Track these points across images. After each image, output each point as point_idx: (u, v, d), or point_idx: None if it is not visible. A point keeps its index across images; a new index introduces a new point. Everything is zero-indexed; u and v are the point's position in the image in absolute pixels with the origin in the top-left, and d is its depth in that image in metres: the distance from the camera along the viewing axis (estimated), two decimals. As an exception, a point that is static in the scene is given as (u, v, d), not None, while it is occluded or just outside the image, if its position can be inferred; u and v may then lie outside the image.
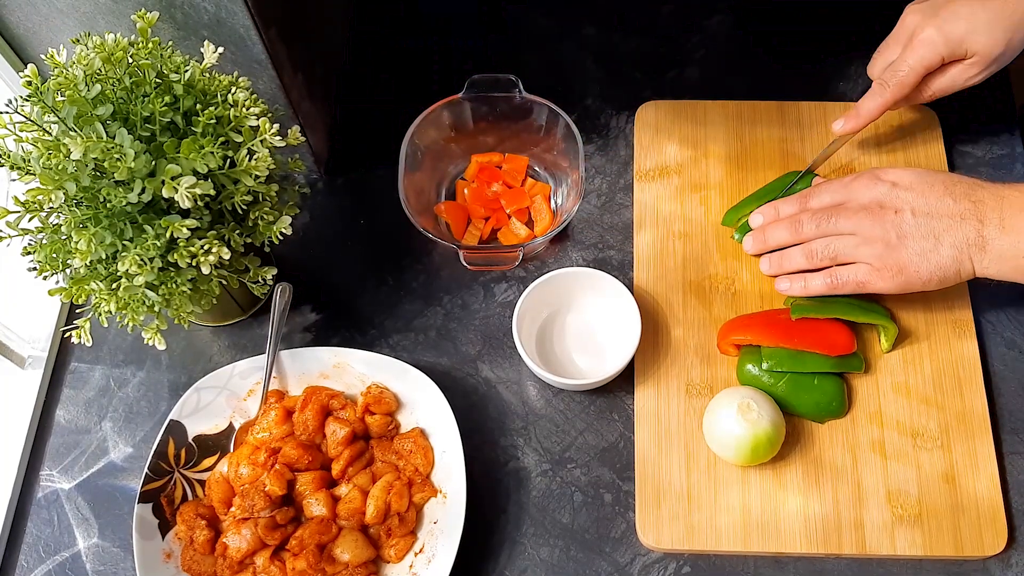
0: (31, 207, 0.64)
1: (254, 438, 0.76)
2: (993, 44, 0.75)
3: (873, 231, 0.73)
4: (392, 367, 0.78)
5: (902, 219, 0.72)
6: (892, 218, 0.73)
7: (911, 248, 0.72)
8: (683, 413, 0.78)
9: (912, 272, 0.72)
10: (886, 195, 0.74)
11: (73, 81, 0.64)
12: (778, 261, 0.80)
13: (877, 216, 0.73)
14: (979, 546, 0.73)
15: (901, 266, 0.72)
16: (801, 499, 0.75)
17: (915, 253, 0.72)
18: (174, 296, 0.68)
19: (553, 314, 0.83)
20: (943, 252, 0.71)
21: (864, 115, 0.81)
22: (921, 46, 0.77)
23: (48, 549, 0.77)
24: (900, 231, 0.72)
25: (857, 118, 0.81)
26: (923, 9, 0.78)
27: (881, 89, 0.79)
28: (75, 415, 0.82)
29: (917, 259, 0.72)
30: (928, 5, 0.78)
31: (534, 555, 0.75)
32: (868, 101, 0.80)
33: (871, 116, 0.81)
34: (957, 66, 0.78)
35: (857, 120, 0.81)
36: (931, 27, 0.76)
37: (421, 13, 1.02)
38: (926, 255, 0.72)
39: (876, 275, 0.74)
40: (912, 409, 0.78)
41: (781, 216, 0.81)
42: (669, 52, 0.98)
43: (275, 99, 0.80)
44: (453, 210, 0.88)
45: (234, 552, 0.72)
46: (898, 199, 0.73)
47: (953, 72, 0.78)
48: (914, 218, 0.72)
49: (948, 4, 0.76)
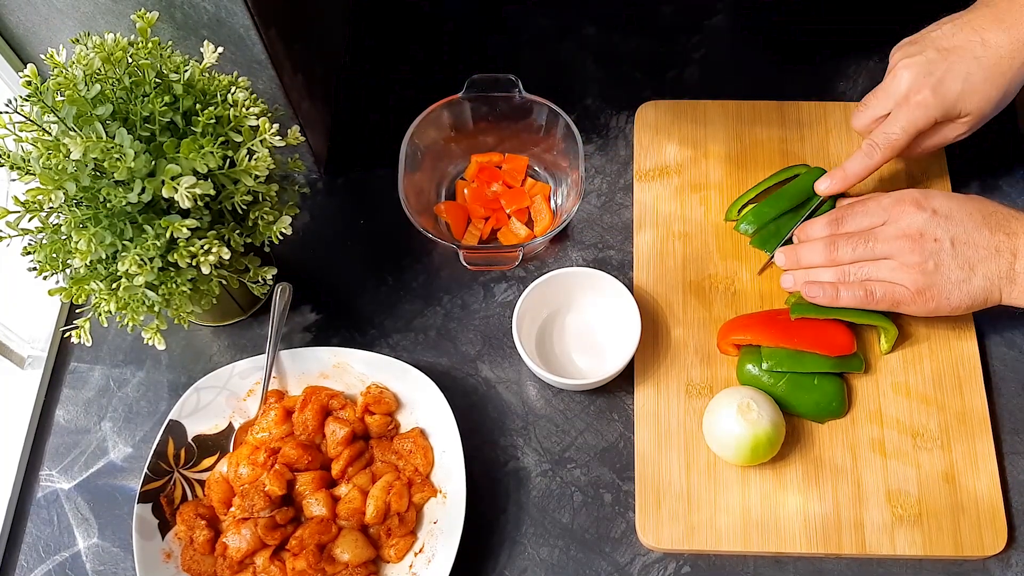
0: (31, 207, 0.64)
1: (254, 438, 0.76)
2: (986, 103, 0.75)
3: (912, 258, 0.73)
4: (392, 367, 0.78)
5: (941, 248, 0.72)
6: (931, 246, 0.73)
7: (946, 277, 0.72)
8: (683, 413, 0.78)
9: (943, 299, 0.73)
10: (926, 223, 0.73)
11: (73, 81, 0.64)
12: (803, 277, 0.78)
13: (917, 243, 0.73)
14: (979, 546, 0.73)
15: (934, 293, 0.73)
16: (801, 499, 0.75)
17: (949, 282, 0.72)
18: (174, 296, 0.68)
19: (553, 314, 0.83)
20: (975, 283, 0.72)
21: (851, 177, 0.80)
22: (916, 109, 0.75)
23: (48, 549, 0.77)
24: (938, 260, 0.72)
25: (844, 179, 0.80)
26: (917, 65, 0.75)
27: (871, 151, 0.78)
28: (75, 415, 0.82)
29: (950, 287, 0.73)
30: (922, 61, 0.75)
31: (534, 555, 0.75)
32: (855, 163, 0.79)
33: (858, 178, 0.79)
34: (948, 125, 0.77)
35: (844, 181, 0.80)
36: (927, 89, 0.75)
37: (421, 13, 1.02)
38: (959, 284, 0.72)
39: (909, 298, 0.74)
40: (912, 409, 0.78)
41: (812, 237, 0.79)
42: (669, 52, 0.98)
43: (275, 99, 0.80)
44: (453, 210, 0.88)
45: (234, 552, 0.72)
46: (938, 228, 0.73)
47: (944, 131, 0.78)
48: (952, 248, 0.72)
49: (941, 62, 0.74)
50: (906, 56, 0.77)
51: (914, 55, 0.76)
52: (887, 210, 0.75)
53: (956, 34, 0.75)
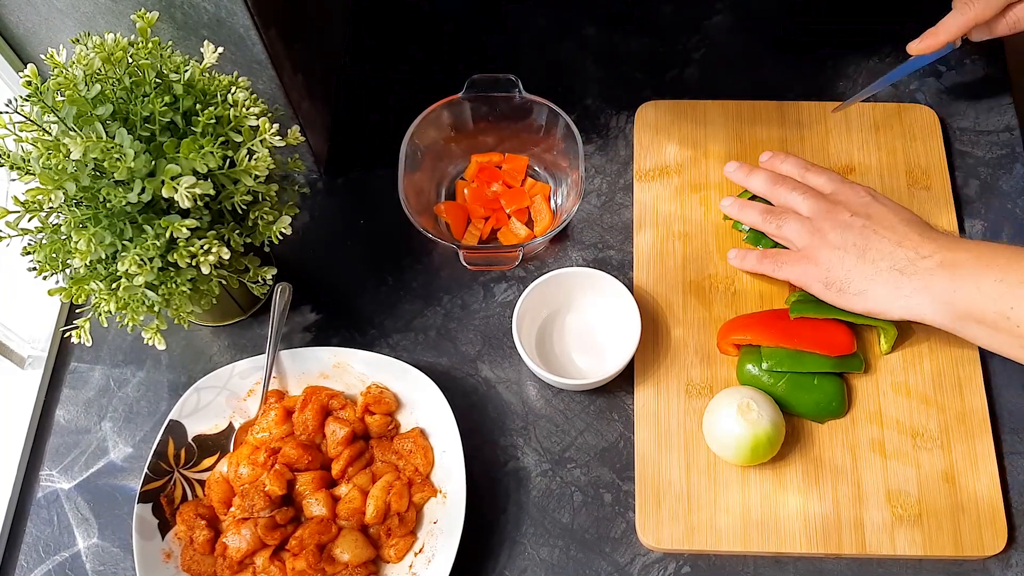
0: (31, 207, 0.64)
1: (254, 438, 0.76)
2: None
3: (822, 220, 0.74)
4: (392, 367, 0.78)
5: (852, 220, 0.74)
6: (844, 218, 0.74)
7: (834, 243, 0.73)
8: (683, 413, 0.78)
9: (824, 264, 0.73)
10: (858, 202, 0.75)
11: (73, 81, 0.64)
12: (737, 206, 0.82)
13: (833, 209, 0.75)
14: (979, 546, 0.73)
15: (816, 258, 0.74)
16: (801, 499, 0.75)
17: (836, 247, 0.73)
18: (174, 296, 0.68)
19: (553, 314, 0.83)
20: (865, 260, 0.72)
21: (943, 33, 0.78)
22: None
23: (48, 549, 0.77)
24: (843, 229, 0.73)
25: (936, 36, 0.78)
26: None
27: (964, 6, 0.76)
28: (75, 415, 0.82)
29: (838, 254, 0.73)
30: None
31: (534, 555, 0.75)
32: (950, 19, 0.77)
33: (951, 35, 0.77)
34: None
35: (936, 38, 0.78)
36: None
37: (421, 13, 1.02)
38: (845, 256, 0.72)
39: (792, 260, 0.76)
40: (912, 409, 0.78)
41: (776, 169, 0.82)
42: (669, 52, 0.98)
43: (275, 99, 0.80)
44: (453, 210, 0.88)
45: (234, 552, 0.72)
46: (864, 207, 0.74)
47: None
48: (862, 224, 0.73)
49: None
50: None
51: None
52: (843, 183, 0.77)
53: None
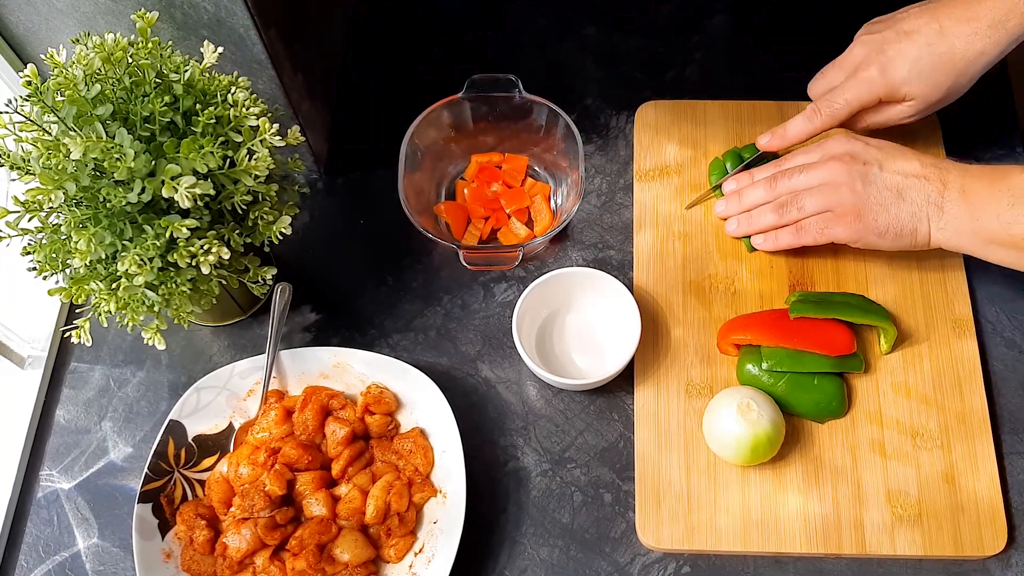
0: (31, 207, 0.64)
1: (254, 438, 0.76)
2: (932, 91, 0.76)
3: (840, 176, 0.75)
4: (392, 367, 0.78)
5: (869, 170, 0.75)
6: (860, 168, 0.75)
7: (873, 197, 0.74)
8: (683, 413, 0.78)
9: (870, 220, 0.74)
10: (859, 149, 0.76)
11: (73, 81, 0.64)
12: (747, 220, 0.82)
13: (847, 164, 0.75)
14: (979, 546, 0.73)
15: (860, 212, 0.74)
16: (801, 499, 0.75)
17: (876, 202, 0.74)
18: (174, 296, 0.68)
19: (553, 314, 0.83)
20: (903, 207, 0.73)
21: (790, 137, 0.82)
22: (861, 84, 0.77)
23: (48, 549, 0.77)
24: (865, 179, 0.74)
25: (783, 138, 0.82)
26: (872, 43, 0.78)
27: (812, 116, 0.80)
28: (75, 415, 0.82)
29: (877, 208, 0.74)
30: (877, 39, 0.78)
31: (534, 555, 0.75)
32: (797, 124, 0.81)
33: (797, 138, 0.81)
34: (894, 107, 0.79)
35: (783, 139, 0.82)
36: (875, 66, 0.77)
37: (420, 13, 1.02)
38: (886, 206, 0.74)
39: (836, 220, 0.76)
40: (912, 409, 0.78)
41: (756, 180, 0.83)
42: (669, 52, 0.98)
43: (275, 99, 0.80)
44: (453, 210, 0.88)
45: (234, 552, 0.72)
46: (868, 154, 0.75)
47: (888, 111, 0.79)
48: (880, 171, 0.74)
49: (895, 43, 0.76)
50: (867, 32, 0.80)
51: (873, 32, 0.79)
52: (821, 145, 0.79)
53: (918, 18, 0.77)
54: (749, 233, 0.83)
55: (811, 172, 0.78)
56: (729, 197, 0.84)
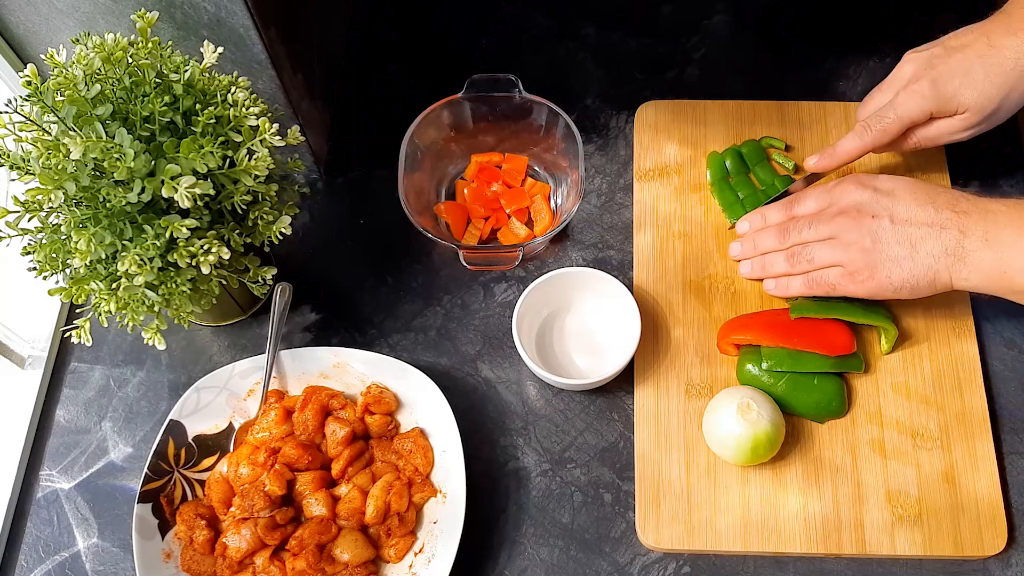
0: (31, 207, 0.64)
1: (254, 438, 0.76)
2: (986, 102, 0.74)
3: (850, 235, 0.73)
4: (392, 367, 0.78)
5: (879, 224, 0.72)
6: (869, 223, 0.72)
7: (885, 253, 0.72)
8: (683, 413, 0.78)
9: (883, 277, 0.72)
10: (867, 200, 0.73)
11: (73, 81, 0.64)
12: (760, 264, 0.81)
13: (855, 220, 0.73)
14: (979, 546, 0.73)
15: (872, 271, 0.72)
16: (801, 499, 0.75)
17: (888, 259, 0.71)
18: (174, 296, 0.68)
19: (553, 314, 0.83)
20: (918, 260, 0.71)
21: (840, 156, 0.80)
22: (912, 97, 0.76)
23: (48, 549, 0.77)
24: (875, 236, 0.72)
25: (832, 157, 0.80)
26: (920, 59, 0.76)
27: (863, 132, 0.78)
28: (75, 415, 0.82)
29: (890, 265, 0.71)
30: (927, 56, 0.76)
31: (534, 555, 0.75)
32: (848, 142, 0.79)
33: (848, 157, 0.80)
34: (946, 121, 0.77)
35: (832, 159, 0.80)
36: (925, 80, 0.75)
37: (420, 13, 1.02)
38: (899, 262, 0.71)
39: (848, 279, 0.74)
40: (912, 409, 0.78)
41: (769, 223, 0.82)
42: (669, 52, 0.98)
43: (275, 99, 0.80)
44: (453, 210, 0.88)
45: (234, 552, 0.72)
46: (878, 205, 0.73)
47: (941, 126, 0.77)
48: (892, 224, 0.72)
49: (945, 58, 0.75)
50: (913, 52, 0.78)
51: (920, 51, 0.78)
52: (831, 192, 0.76)
53: (966, 35, 0.76)
54: (762, 278, 0.81)
55: (820, 225, 0.76)
56: (744, 241, 0.83)
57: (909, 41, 0.80)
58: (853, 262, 0.73)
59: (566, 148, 0.85)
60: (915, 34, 0.82)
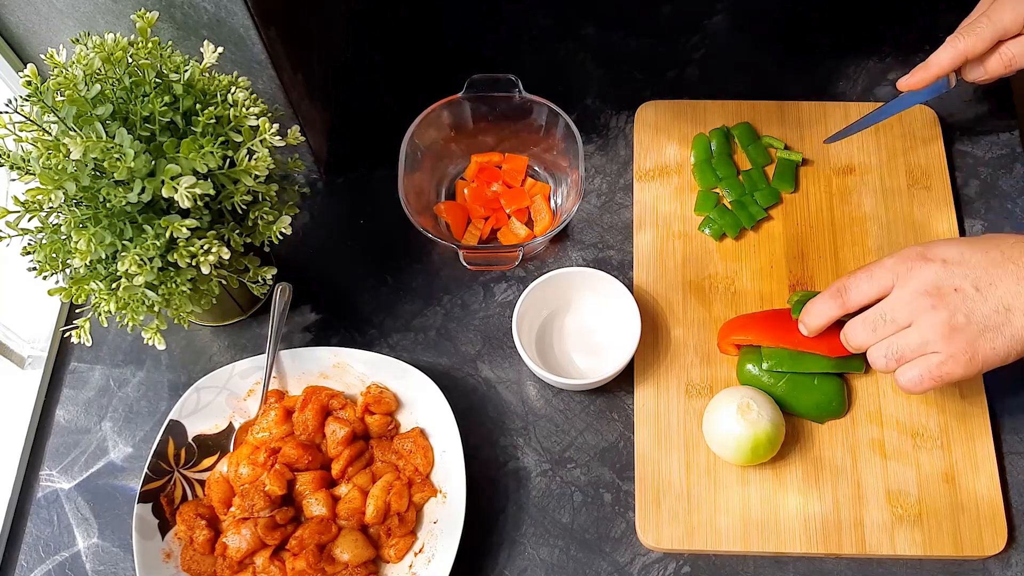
0: (31, 207, 0.64)
1: (254, 438, 0.76)
2: None
3: (937, 316, 0.65)
4: (392, 367, 0.78)
5: (965, 296, 0.65)
6: (954, 298, 0.65)
7: (980, 325, 0.64)
8: (683, 413, 0.78)
9: (989, 350, 0.65)
10: (940, 275, 0.66)
11: (73, 81, 0.64)
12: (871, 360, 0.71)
13: (937, 299, 0.65)
14: (979, 546, 0.73)
15: (975, 349, 0.65)
16: (801, 499, 0.75)
17: (988, 330, 0.64)
18: (174, 296, 0.68)
19: (553, 314, 0.83)
20: (1016, 321, 0.64)
21: (934, 68, 0.75)
22: (1005, 4, 0.72)
23: (48, 549, 0.77)
24: (967, 310, 0.65)
25: (927, 70, 0.76)
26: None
27: (955, 40, 0.73)
28: (75, 415, 0.82)
29: (991, 335, 0.64)
30: None
31: (534, 555, 0.75)
32: (941, 53, 0.74)
33: (941, 68, 0.75)
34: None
35: (927, 72, 0.76)
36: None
37: (420, 13, 1.02)
38: (1000, 330, 0.64)
39: (952, 363, 0.65)
40: (912, 409, 0.78)
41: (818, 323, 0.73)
42: (669, 52, 0.98)
43: (275, 99, 0.80)
44: (453, 210, 0.88)
45: (234, 552, 0.72)
46: (954, 276, 0.65)
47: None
48: (978, 293, 0.65)
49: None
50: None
51: None
52: (892, 270, 0.68)
53: None
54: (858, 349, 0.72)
55: (894, 312, 0.67)
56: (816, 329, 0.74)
57: (909, 41, 0.80)
58: (949, 346, 0.65)
59: (566, 148, 0.85)
60: (915, 34, 0.82)
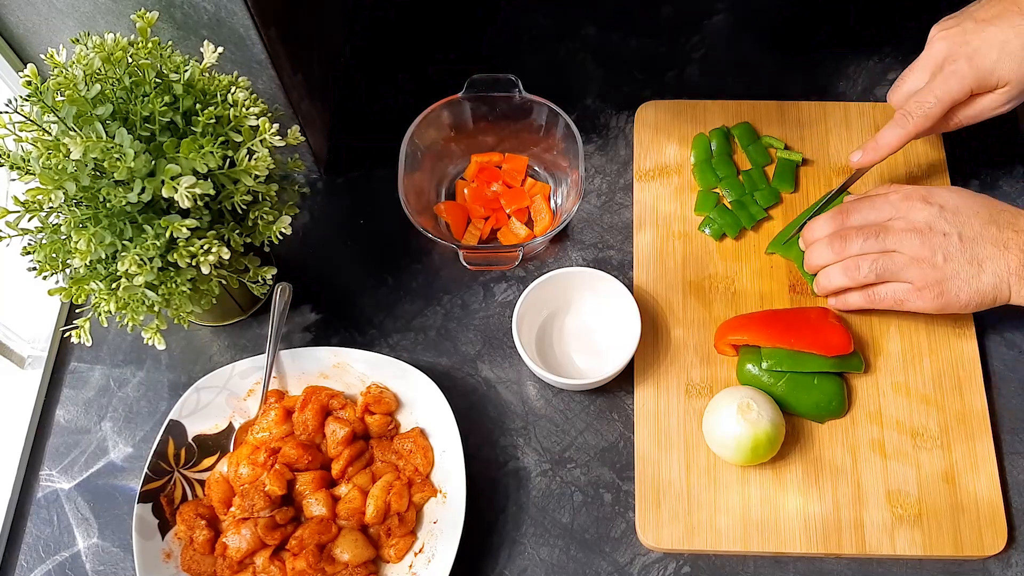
0: (31, 207, 0.64)
1: (254, 438, 0.76)
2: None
3: (921, 251, 0.73)
4: (392, 367, 0.78)
5: (949, 242, 0.72)
6: (940, 240, 0.72)
7: (954, 271, 0.72)
8: (683, 413, 0.78)
9: (952, 295, 0.73)
10: (935, 218, 0.73)
11: (73, 81, 0.64)
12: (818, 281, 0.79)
13: (925, 237, 0.73)
14: (979, 546, 0.73)
15: (942, 288, 0.73)
16: (801, 499, 0.75)
17: (957, 276, 0.72)
18: (174, 296, 0.68)
19: (553, 314, 0.83)
20: (984, 279, 0.72)
21: (883, 147, 0.78)
22: (950, 78, 0.74)
23: (48, 549, 0.77)
24: (947, 254, 0.72)
25: (876, 150, 0.78)
26: (952, 36, 0.74)
27: (904, 120, 0.76)
28: (75, 415, 0.82)
29: (959, 282, 0.72)
30: (957, 31, 0.74)
31: (534, 555, 0.75)
32: (889, 133, 0.77)
33: (891, 148, 0.78)
34: (986, 96, 0.75)
35: (876, 152, 0.78)
36: (961, 59, 0.73)
37: (420, 13, 1.02)
38: (969, 281, 0.72)
39: (916, 295, 0.74)
40: (912, 409, 0.78)
41: (818, 236, 0.78)
42: (669, 52, 0.98)
43: (275, 99, 0.80)
44: (453, 210, 0.88)
45: (234, 552, 0.72)
46: (946, 222, 0.73)
47: (982, 102, 0.75)
48: (961, 243, 0.72)
49: (978, 31, 0.73)
50: (943, 29, 0.76)
51: (950, 27, 0.75)
52: (895, 205, 0.75)
53: (995, 5, 0.74)
54: (822, 295, 0.80)
55: (886, 236, 0.74)
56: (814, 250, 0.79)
57: (909, 41, 0.80)
58: (923, 278, 0.73)
59: (566, 148, 0.85)
60: (915, 34, 0.82)
